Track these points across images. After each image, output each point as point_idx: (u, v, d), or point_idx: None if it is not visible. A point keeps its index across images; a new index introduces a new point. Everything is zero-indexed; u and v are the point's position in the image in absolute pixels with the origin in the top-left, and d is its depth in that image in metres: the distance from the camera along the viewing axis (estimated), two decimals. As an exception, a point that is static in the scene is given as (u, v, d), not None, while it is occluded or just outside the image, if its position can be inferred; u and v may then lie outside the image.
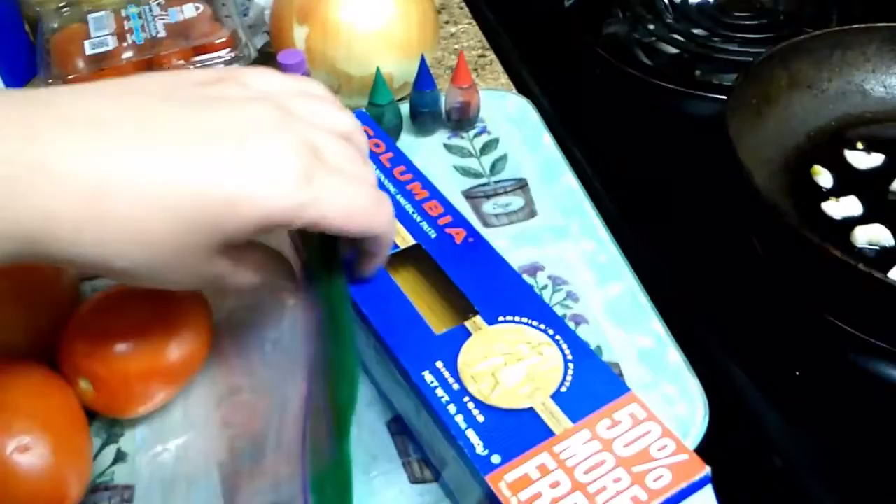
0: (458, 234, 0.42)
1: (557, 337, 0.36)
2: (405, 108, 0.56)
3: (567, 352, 0.35)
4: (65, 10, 0.59)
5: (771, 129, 0.51)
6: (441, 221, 0.43)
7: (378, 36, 0.54)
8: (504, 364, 0.35)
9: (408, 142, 0.56)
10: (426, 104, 0.55)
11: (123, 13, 0.57)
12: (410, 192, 0.45)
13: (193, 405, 0.40)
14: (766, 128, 0.50)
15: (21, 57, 0.58)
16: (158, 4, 0.58)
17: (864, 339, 0.41)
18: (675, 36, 0.64)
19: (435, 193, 0.45)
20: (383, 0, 0.54)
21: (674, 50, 0.64)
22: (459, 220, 0.43)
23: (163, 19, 0.56)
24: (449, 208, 0.44)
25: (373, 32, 0.54)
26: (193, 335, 0.40)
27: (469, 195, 0.51)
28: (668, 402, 0.39)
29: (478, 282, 0.39)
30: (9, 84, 0.58)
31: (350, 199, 0.32)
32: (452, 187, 0.52)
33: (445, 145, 0.55)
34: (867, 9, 0.66)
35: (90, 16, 0.57)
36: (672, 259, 0.47)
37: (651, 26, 0.65)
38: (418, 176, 0.46)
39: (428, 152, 0.55)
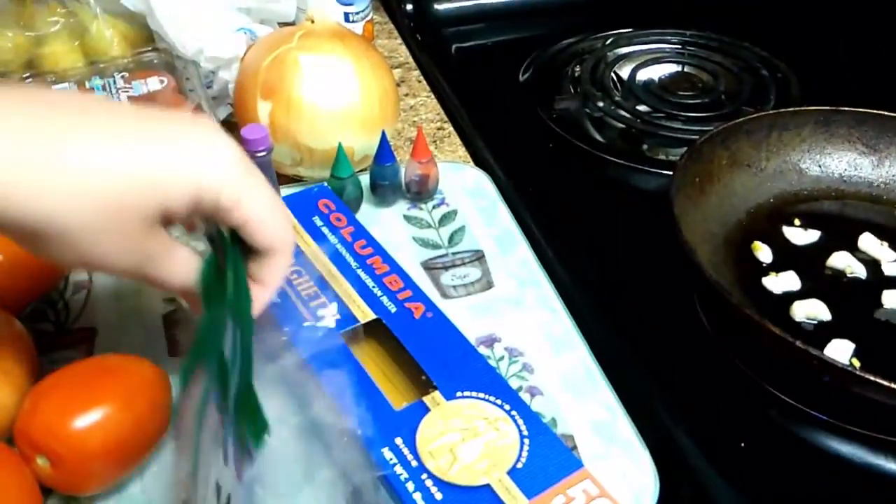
0: (418, 309, 0.43)
1: (514, 412, 0.37)
2: (365, 179, 0.57)
3: (523, 427, 0.36)
4: (29, 79, 0.59)
5: (713, 206, 0.53)
6: (401, 296, 0.44)
7: (340, 113, 0.56)
8: (462, 440, 0.36)
9: (368, 213, 0.57)
10: (386, 177, 0.56)
11: (88, 84, 0.58)
12: (371, 266, 0.46)
13: (151, 481, 0.40)
14: (708, 204, 0.53)
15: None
16: (122, 77, 0.59)
17: (804, 411, 0.43)
18: (623, 112, 0.68)
19: (395, 267, 0.46)
20: (346, 79, 0.56)
21: (622, 125, 0.67)
22: (418, 295, 0.44)
23: (127, 92, 0.58)
24: (408, 282, 0.45)
25: (335, 110, 0.55)
26: (153, 411, 0.40)
27: (428, 266, 0.53)
28: (621, 474, 0.40)
29: (436, 356, 0.40)
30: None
31: (274, 206, 0.35)
32: (412, 258, 0.53)
33: (405, 216, 0.57)
34: (803, 89, 0.70)
35: (54, 87, 0.58)
36: (622, 330, 0.49)
37: (600, 103, 0.68)
38: (378, 250, 0.47)
39: (388, 223, 0.56)
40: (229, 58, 0.61)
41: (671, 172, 0.60)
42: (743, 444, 0.41)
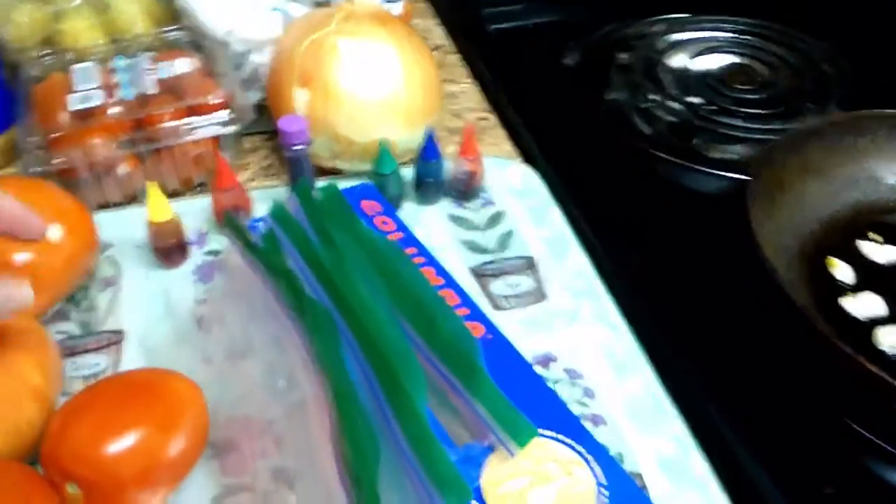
0: (476, 330, 0.40)
1: (589, 457, 0.34)
2: (407, 174, 0.54)
3: (599, 474, 0.33)
4: (46, 58, 0.55)
5: (785, 217, 0.49)
6: (458, 313, 0.40)
7: (382, 104, 0.51)
8: (531, 485, 0.33)
9: (410, 211, 0.53)
10: (431, 174, 0.53)
11: (110, 65, 0.54)
12: (421, 272, 0.42)
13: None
14: (780, 215, 0.49)
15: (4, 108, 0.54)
16: (149, 57, 0.55)
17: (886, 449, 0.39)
18: (675, 105, 0.63)
19: (449, 280, 0.42)
20: (388, 67, 0.52)
21: (673, 119, 0.63)
22: (476, 313, 0.41)
23: (152, 74, 0.53)
24: (464, 298, 0.41)
25: (377, 100, 0.51)
26: (190, 431, 0.37)
27: (477, 273, 0.49)
28: (696, 517, 0.37)
29: (499, 386, 0.37)
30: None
31: None
32: (460, 264, 0.50)
33: (451, 216, 0.53)
34: (868, 89, 0.66)
35: (75, 67, 0.54)
36: (691, 351, 0.45)
37: (651, 95, 0.64)
38: (430, 259, 0.44)
39: (432, 223, 0.53)
40: (262, 40, 0.57)
41: (728, 173, 0.56)
42: (829, 490, 0.38)
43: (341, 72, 0.51)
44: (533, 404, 0.36)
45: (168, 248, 0.47)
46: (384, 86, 0.52)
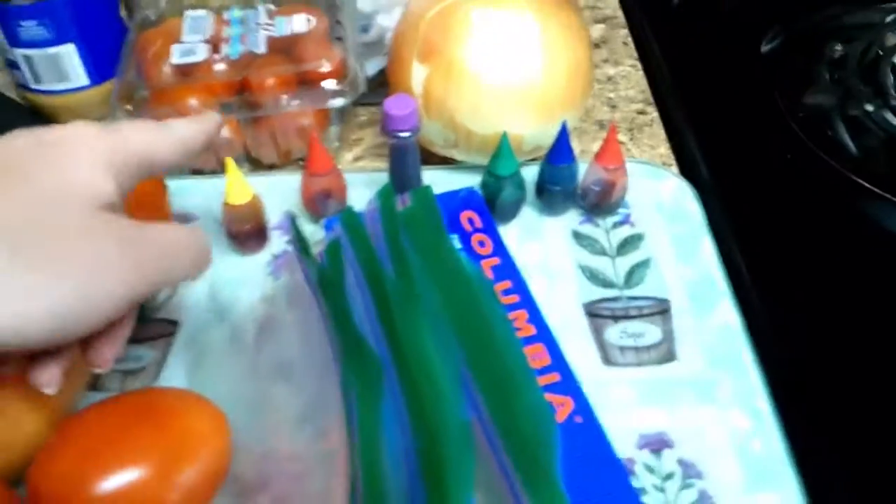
0: (563, 407, 0.31)
1: None
2: (531, 174, 0.45)
3: None
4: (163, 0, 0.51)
5: None
6: (543, 380, 0.32)
7: (513, 92, 0.43)
8: None
9: (529, 219, 0.45)
10: (559, 181, 0.43)
11: (225, 15, 0.49)
12: (511, 321, 0.34)
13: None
14: None
15: (111, 45, 0.51)
16: (266, 10, 0.49)
17: None
18: (894, 119, 0.49)
19: (543, 332, 0.34)
20: (527, 47, 0.43)
21: (890, 135, 0.49)
22: (568, 383, 0.32)
23: (268, 31, 0.48)
24: (557, 360, 0.33)
25: (507, 87, 0.43)
26: (201, 476, 0.31)
27: (592, 311, 0.40)
28: None
29: (575, 486, 0.28)
30: (93, 76, 0.51)
31: None
32: (572, 295, 0.41)
33: (574, 233, 0.44)
34: None
35: (189, 13, 0.49)
36: (853, 462, 0.34)
37: (867, 104, 0.50)
38: (526, 299, 0.35)
39: (551, 238, 0.44)
40: (391, 0, 0.49)
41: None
42: None
43: (470, 48, 0.43)
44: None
45: (243, 233, 0.42)
46: (518, 70, 0.43)
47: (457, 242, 0.38)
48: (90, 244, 0.25)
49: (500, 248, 0.37)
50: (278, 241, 0.44)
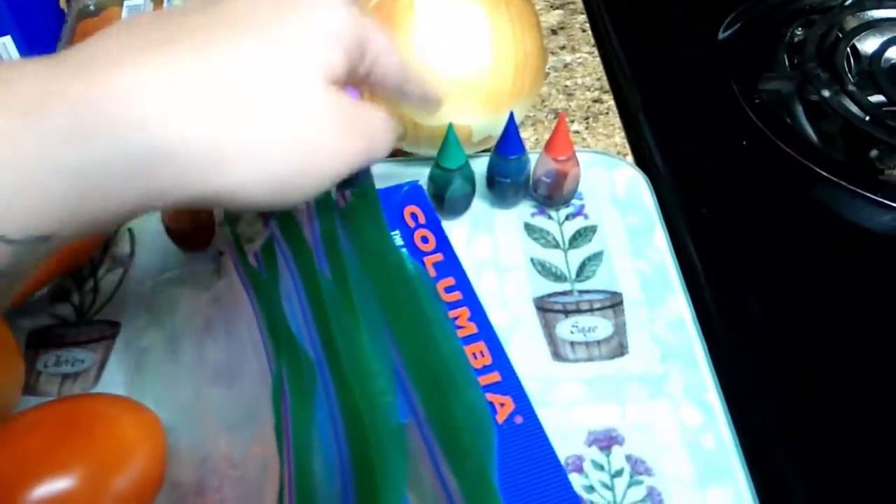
0: (503, 407, 0.30)
1: None
2: (480, 165, 0.44)
3: None
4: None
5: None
6: (484, 380, 0.31)
7: (460, 83, 0.41)
8: None
9: (480, 212, 0.44)
10: (509, 173, 0.42)
11: (165, 4, 0.48)
12: (452, 320, 0.33)
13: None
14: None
15: (50, 36, 0.49)
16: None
17: None
18: (853, 105, 0.49)
19: (485, 330, 0.33)
20: (474, 36, 0.41)
21: (849, 121, 0.48)
22: (510, 382, 0.31)
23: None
24: (498, 359, 0.32)
25: (454, 78, 0.41)
26: (135, 483, 0.30)
27: (543, 306, 0.39)
28: None
29: (514, 487, 0.28)
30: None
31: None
32: (523, 290, 0.40)
33: (527, 226, 0.43)
34: None
35: (127, 2, 0.48)
36: (812, 461, 0.34)
37: (825, 90, 0.50)
38: (469, 297, 0.34)
39: (503, 231, 0.43)
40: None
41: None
42: None
43: (412, 38, 0.42)
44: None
45: (185, 231, 0.40)
46: (466, 60, 0.42)
47: (398, 239, 0.37)
48: (318, 119, 0.25)
49: (443, 244, 0.37)
50: (224, 238, 0.42)
